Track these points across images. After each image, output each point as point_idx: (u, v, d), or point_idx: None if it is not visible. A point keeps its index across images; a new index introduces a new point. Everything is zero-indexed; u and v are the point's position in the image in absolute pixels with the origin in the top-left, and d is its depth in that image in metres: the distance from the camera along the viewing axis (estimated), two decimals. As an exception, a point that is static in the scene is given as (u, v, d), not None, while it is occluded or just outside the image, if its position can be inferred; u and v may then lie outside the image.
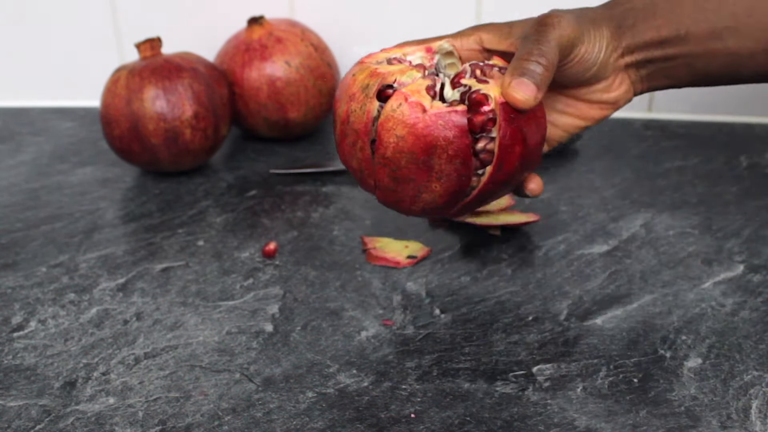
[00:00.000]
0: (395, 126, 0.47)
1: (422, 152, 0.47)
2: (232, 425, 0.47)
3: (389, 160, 0.48)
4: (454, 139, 0.46)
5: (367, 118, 0.48)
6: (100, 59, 0.87)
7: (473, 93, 0.48)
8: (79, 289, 0.59)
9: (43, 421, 0.47)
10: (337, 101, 0.51)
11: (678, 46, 0.55)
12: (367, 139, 0.48)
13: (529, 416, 0.46)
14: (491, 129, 0.48)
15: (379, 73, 0.49)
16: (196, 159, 0.73)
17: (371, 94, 0.48)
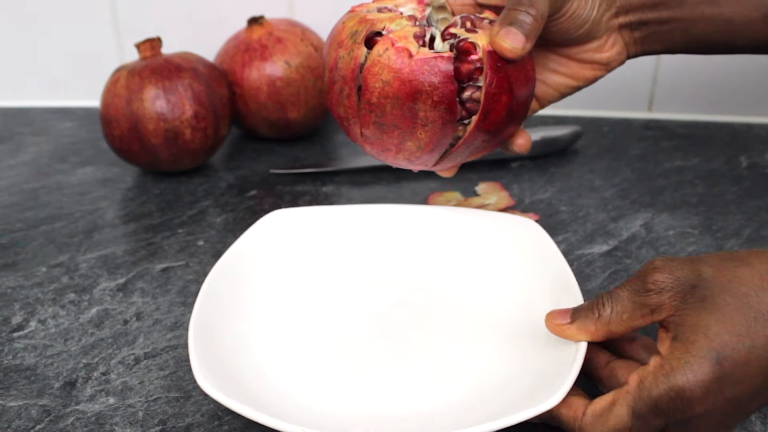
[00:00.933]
0: (381, 71, 0.46)
1: (407, 97, 0.46)
2: (232, 425, 0.47)
3: (375, 105, 0.47)
4: (440, 85, 0.46)
5: (354, 64, 0.48)
6: (100, 59, 0.87)
7: (461, 41, 0.48)
8: (79, 289, 0.59)
9: (43, 421, 0.47)
10: (327, 48, 0.50)
11: (673, 9, 0.54)
12: (353, 86, 0.48)
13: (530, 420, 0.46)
14: (478, 78, 0.47)
15: (368, 20, 0.48)
16: (196, 159, 0.73)
17: (359, 40, 0.48)
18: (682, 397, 0.39)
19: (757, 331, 0.39)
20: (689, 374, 0.38)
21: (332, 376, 0.49)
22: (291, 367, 0.49)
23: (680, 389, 0.38)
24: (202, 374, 0.43)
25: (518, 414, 0.41)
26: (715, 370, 0.38)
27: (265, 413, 0.41)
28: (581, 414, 0.42)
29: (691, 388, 0.38)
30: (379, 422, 0.45)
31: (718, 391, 0.38)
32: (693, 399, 0.38)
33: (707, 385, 0.38)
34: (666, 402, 0.39)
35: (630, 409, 0.40)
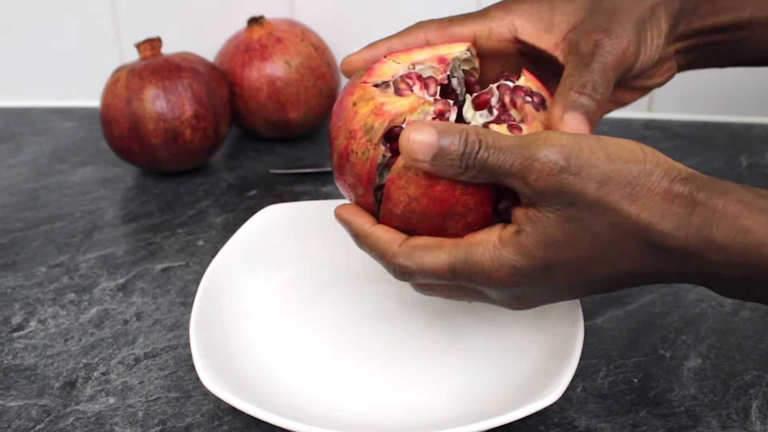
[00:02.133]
0: (407, 185, 0.40)
1: (437, 216, 0.41)
2: (233, 425, 0.47)
3: (398, 216, 0.42)
4: (475, 206, 0.40)
5: (371, 166, 0.42)
6: (100, 59, 0.87)
7: None
8: (79, 289, 0.59)
9: (43, 421, 0.47)
10: (334, 128, 0.44)
11: (737, 32, 0.50)
12: (370, 188, 0.42)
13: (529, 416, 0.46)
14: None
15: (385, 112, 0.41)
16: (196, 159, 0.73)
17: (376, 140, 0.41)
18: (511, 272, 0.39)
19: (594, 268, 0.39)
20: (524, 258, 0.39)
21: (333, 373, 0.49)
22: (293, 364, 0.50)
23: (512, 266, 0.39)
24: (207, 373, 0.43)
25: (517, 411, 0.41)
26: (544, 266, 0.39)
27: (271, 412, 0.41)
28: (400, 242, 0.41)
29: (518, 272, 0.39)
30: (381, 418, 0.46)
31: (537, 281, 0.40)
32: (523, 276, 0.39)
33: (530, 282, 0.40)
34: (488, 272, 0.39)
35: (450, 262, 0.40)
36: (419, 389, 0.48)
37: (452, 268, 0.40)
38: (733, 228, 0.37)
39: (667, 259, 0.38)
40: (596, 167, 0.37)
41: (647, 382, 0.49)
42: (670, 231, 0.37)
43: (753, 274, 0.38)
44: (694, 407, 0.47)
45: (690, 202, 0.37)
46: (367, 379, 0.49)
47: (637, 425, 0.46)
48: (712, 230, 0.37)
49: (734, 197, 0.37)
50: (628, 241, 0.38)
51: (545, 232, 0.38)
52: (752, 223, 0.37)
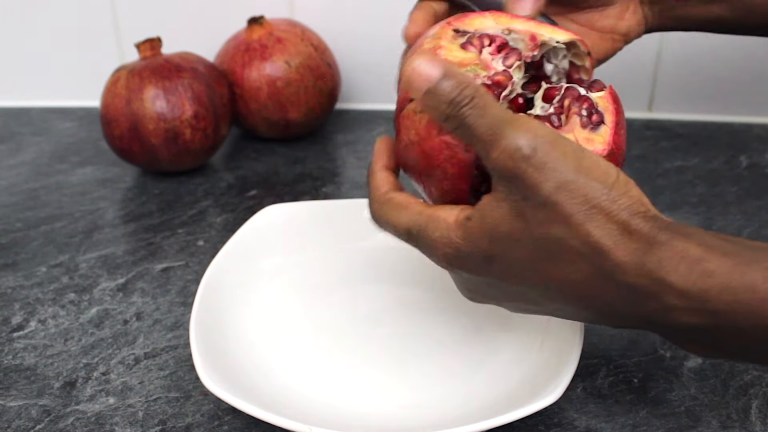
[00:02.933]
0: (410, 128, 0.42)
1: (421, 168, 0.42)
2: (232, 425, 0.47)
3: (400, 152, 0.44)
4: (452, 177, 0.41)
5: (403, 96, 0.43)
6: (100, 59, 0.87)
7: None
8: (79, 289, 0.59)
9: (43, 421, 0.47)
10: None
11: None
12: (398, 114, 0.44)
13: (529, 416, 0.46)
14: None
15: (436, 55, 0.41)
16: (196, 159, 0.73)
17: None
18: (455, 254, 0.40)
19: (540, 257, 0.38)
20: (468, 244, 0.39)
21: (333, 373, 0.49)
22: (293, 364, 0.50)
23: (456, 248, 0.39)
24: (207, 373, 0.43)
25: (517, 411, 0.41)
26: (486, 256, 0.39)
27: (271, 412, 0.41)
28: (384, 190, 0.43)
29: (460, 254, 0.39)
30: (381, 418, 0.46)
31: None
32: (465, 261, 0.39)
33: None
34: (438, 246, 0.40)
35: (410, 226, 0.41)
36: (419, 389, 0.48)
37: (408, 231, 0.41)
38: (694, 271, 0.35)
39: (617, 293, 0.36)
40: (559, 171, 0.36)
41: (647, 382, 0.49)
42: (623, 263, 0.35)
43: (720, 323, 0.35)
44: (694, 407, 0.47)
45: (648, 240, 0.35)
46: (367, 379, 0.49)
47: (637, 425, 0.46)
48: (669, 273, 0.35)
49: (697, 240, 0.35)
50: (578, 259, 0.36)
51: (492, 223, 0.37)
52: (715, 267, 0.34)
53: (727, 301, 0.34)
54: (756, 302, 0.34)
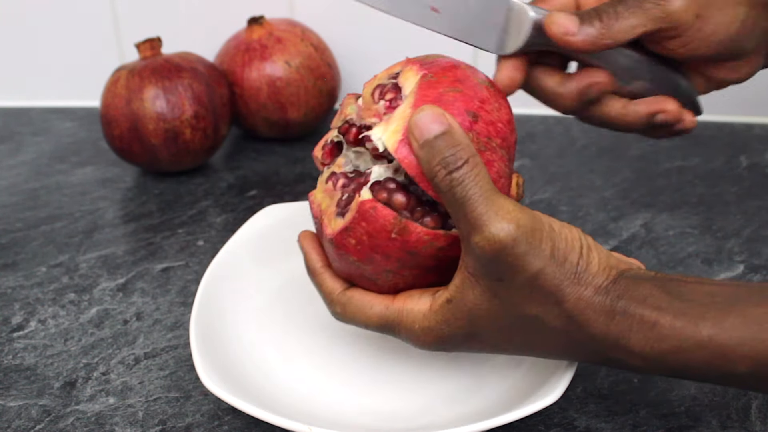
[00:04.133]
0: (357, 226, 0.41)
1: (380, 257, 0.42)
2: (232, 425, 0.47)
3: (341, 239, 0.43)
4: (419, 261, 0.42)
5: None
6: (100, 59, 0.87)
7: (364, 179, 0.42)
8: (79, 289, 0.59)
9: (43, 421, 0.47)
10: None
11: None
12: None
13: (529, 416, 0.46)
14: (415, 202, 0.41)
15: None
16: (196, 159, 0.73)
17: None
18: (436, 339, 0.41)
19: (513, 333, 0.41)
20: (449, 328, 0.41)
21: (333, 373, 0.49)
22: (293, 364, 0.50)
23: (437, 335, 0.41)
24: (207, 373, 0.43)
25: (517, 411, 0.41)
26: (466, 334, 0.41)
27: (271, 412, 0.41)
28: (338, 291, 0.44)
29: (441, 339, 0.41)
30: (381, 418, 0.46)
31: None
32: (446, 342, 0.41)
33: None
34: (416, 336, 0.42)
35: (382, 319, 0.42)
36: (420, 389, 0.48)
37: (382, 326, 0.43)
38: (650, 337, 0.38)
39: (590, 355, 0.40)
40: (537, 259, 0.38)
41: (647, 382, 0.49)
42: (592, 335, 0.39)
43: (669, 373, 0.39)
44: (694, 407, 0.47)
45: (609, 312, 0.38)
46: (367, 379, 0.49)
47: (637, 425, 0.46)
48: (629, 340, 0.38)
49: (651, 304, 0.38)
50: (554, 333, 0.39)
51: (472, 302, 0.39)
52: (667, 330, 0.37)
53: (681, 359, 0.38)
54: (706, 357, 0.37)
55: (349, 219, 0.41)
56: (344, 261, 0.42)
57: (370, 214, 0.40)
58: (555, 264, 0.38)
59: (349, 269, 0.43)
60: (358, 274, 0.43)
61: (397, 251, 0.41)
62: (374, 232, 0.40)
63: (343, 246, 0.42)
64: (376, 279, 0.42)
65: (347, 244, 0.41)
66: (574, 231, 0.39)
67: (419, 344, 0.42)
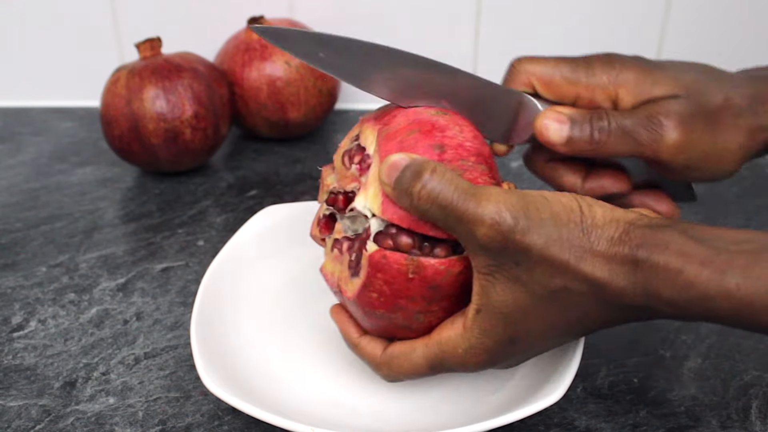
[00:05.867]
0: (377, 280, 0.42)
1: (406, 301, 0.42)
2: (232, 425, 0.47)
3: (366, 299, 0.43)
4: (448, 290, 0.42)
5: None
6: (100, 59, 0.87)
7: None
8: (79, 289, 0.59)
9: (43, 421, 0.47)
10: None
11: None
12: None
13: (529, 416, 0.46)
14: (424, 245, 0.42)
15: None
16: (196, 159, 0.73)
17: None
18: (480, 354, 0.41)
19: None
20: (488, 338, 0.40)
21: (333, 373, 0.49)
22: (293, 364, 0.50)
23: (481, 349, 0.41)
24: (207, 373, 0.43)
25: (518, 411, 0.41)
26: (507, 340, 0.40)
27: (271, 412, 0.41)
28: (380, 352, 0.44)
29: (487, 352, 0.41)
30: (381, 418, 0.46)
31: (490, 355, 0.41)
32: (491, 353, 0.41)
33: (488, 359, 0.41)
34: (461, 360, 0.41)
35: (426, 360, 0.42)
36: (420, 389, 0.48)
37: (431, 366, 0.43)
38: (676, 284, 0.37)
39: (621, 313, 0.39)
40: (542, 229, 0.38)
41: (647, 382, 0.49)
42: (620, 288, 0.38)
43: (707, 319, 0.38)
44: (694, 407, 0.47)
45: (631, 261, 0.37)
46: (367, 379, 0.49)
47: (637, 425, 0.46)
48: (658, 287, 0.37)
49: (675, 250, 0.37)
50: (584, 299, 0.39)
51: (500, 301, 0.39)
52: (694, 277, 0.37)
53: (708, 308, 0.37)
54: (733, 306, 0.36)
55: (364, 275, 0.41)
56: (373, 317, 0.43)
57: (383, 263, 0.41)
58: (560, 229, 0.38)
59: (381, 325, 0.43)
60: (392, 327, 0.43)
61: (420, 290, 0.41)
62: (391, 279, 0.41)
63: (367, 303, 0.42)
64: (409, 325, 0.43)
65: (371, 300, 0.42)
66: (567, 195, 0.39)
67: (472, 367, 0.42)
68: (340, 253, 0.44)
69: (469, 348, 0.41)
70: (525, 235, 0.37)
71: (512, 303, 0.39)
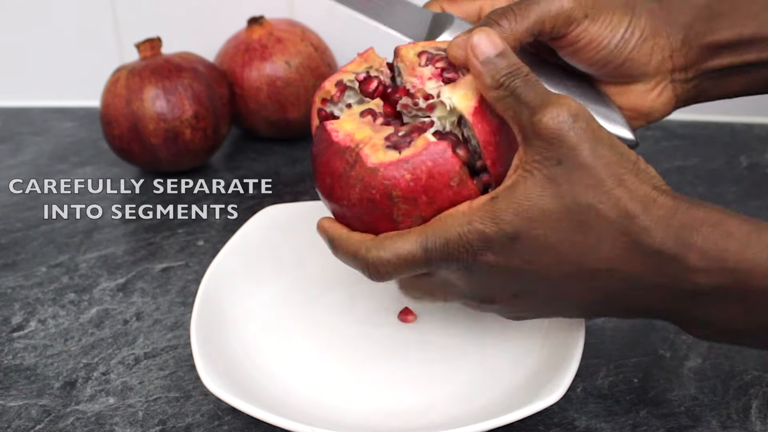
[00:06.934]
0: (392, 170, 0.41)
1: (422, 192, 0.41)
2: (232, 425, 0.47)
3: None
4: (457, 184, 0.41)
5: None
6: (100, 59, 0.87)
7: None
8: (79, 289, 0.59)
9: (43, 421, 0.47)
10: None
11: (739, 52, 0.47)
12: None
13: (529, 416, 0.46)
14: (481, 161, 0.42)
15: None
16: (196, 159, 0.73)
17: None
18: (479, 239, 0.39)
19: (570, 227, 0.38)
20: (493, 224, 0.39)
21: (333, 373, 0.49)
22: (293, 364, 0.50)
23: (480, 232, 0.39)
24: (207, 373, 0.43)
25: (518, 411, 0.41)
26: (511, 232, 0.38)
27: (271, 412, 0.41)
28: (371, 238, 0.42)
29: (485, 237, 0.39)
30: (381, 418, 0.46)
31: (514, 251, 0.39)
32: (491, 244, 0.39)
33: (509, 239, 0.39)
34: (457, 243, 0.39)
35: (421, 241, 0.40)
36: (420, 389, 0.48)
37: (425, 247, 0.40)
38: (715, 233, 0.37)
39: (643, 261, 0.38)
40: (596, 140, 0.38)
41: (647, 382, 0.49)
42: (651, 226, 0.37)
43: (728, 284, 0.37)
44: (694, 407, 0.47)
45: (672, 207, 0.38)
46: (367, 379, 0.49)
47: (637, 425, 0.46)
48: (693, 234, 0.37)
49: (715, 209, 0.38)
50: (607, 227, 0.38)
51: (522, 194, 0.38)
52: (735, 229, 0.37)
53: (745, 259, 0.36)
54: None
55: (411, 153, 0.40)
56: (374, 201, 0.41)
57: (440, 155, 0.40)
58: (614, 151, 0.38)
59: (373, 212, 0.41)
60: (383, 216, 0.41)
61: (445, 200, 0.40)
62: (436, 174, 0.40)
63: (391, 178, 0.40)
64: (401, 221, 0.41)
65: (398, 177, 0.40)
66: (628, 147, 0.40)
67: (465, 252, 0.39)
68: (374, 120, 0.43)
69: (467, 225, 0.39)
70: (580, 136, 0.37)
71: (536, 198, 0.38)
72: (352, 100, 0.46)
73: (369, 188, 0.41)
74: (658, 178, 0.39)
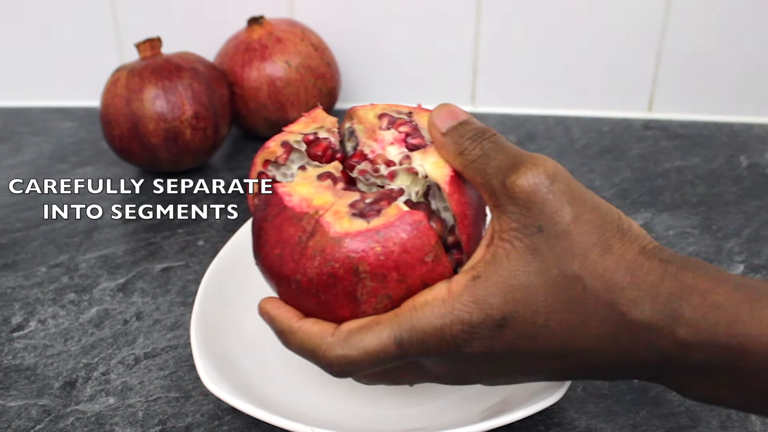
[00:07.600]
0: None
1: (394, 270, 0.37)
2: (232, 425, 0.47)
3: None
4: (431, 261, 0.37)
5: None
6: (100, 59, 0.87)
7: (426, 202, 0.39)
8: (79, 289, 0.59)
9: (43, 421, 0.47)
10: None
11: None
12: None
13: (529, 416, 0.46)
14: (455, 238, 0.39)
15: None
16: (196, 159, 0.73)
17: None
18: (463, 330, 0.35)
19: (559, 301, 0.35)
20: (478, 310, 0.35)
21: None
22: (293, 365, 0.50)
23: (465, 322, 0.35)
24: (207, 374, 0.43)
25: (518, 411, 0.41)
26: (499, 319, 0.35)
27: (271, 412, 0.41)
28: (332, 330, 0.37)
29: (470, 327, 0.35)
30: (381, 419, 0.46)
31: (495, 338, 0.35)
32: (477, 333, 0.35)
33: (488, 329, 0.35)
34: (438, 337, 0.35)
35: (394, 336, 0.36)
36: (420, 389, 0.48)
37: (399, 342, 0.36)
38: (704, 304, 0.34)
39: (631, 336, 0.35)
40: (577, 203, 0.35)
41: (647, 382, 0.49)
42: (638, 298, 0.34)
43: (717, 360, 0.34)
44: (694, 407, 0.47)
45: (660, 273, 0.35)
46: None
47: (637, 425, 0.46)
48: (682, 305, 0.34)
49: (705, 273, 0.35)
50: (594, 300, 0.35)
51: (506, 274, 0.35)
52: (724, 300, 0.33)
53: (736, 334, 0.33)
54: (764, 338, 0.33)
55: (381, 223, 0.36)
56: (335, 276, 0.36)
57: (415, 227, 0.36)
58: (597, 214, 0.35)
59: (332, 290, 0.37)
60: (343, 295, 0.37)
61: (417, 278, 0.37)
62: (410, 247, 0.36)
63: (358, 250, 0.36)
64: (364, 301, 0.37)
65: (366, 250, 0.36)
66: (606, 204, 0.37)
67: (447, 344, 0.36)
68: (334, 184, 0.40)
69: (450, 315, 0.35)
70: (556, 199, 0.35)
71: (522, 275, 0.35)
72: (296, 165, 0.42)
73: (330, 261, 0.36)
74: (643, 236, 0.36)
